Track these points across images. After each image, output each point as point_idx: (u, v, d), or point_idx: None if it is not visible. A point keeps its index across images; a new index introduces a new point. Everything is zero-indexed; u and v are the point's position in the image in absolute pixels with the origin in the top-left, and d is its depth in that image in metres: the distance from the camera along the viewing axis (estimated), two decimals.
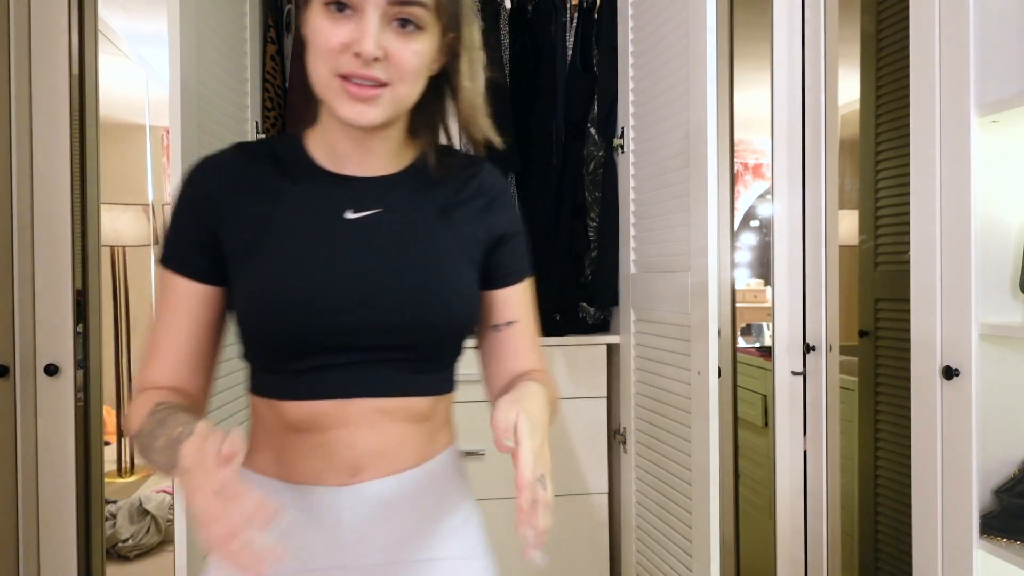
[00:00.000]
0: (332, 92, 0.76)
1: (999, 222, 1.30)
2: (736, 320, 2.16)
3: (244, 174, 0.82)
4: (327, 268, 0.79)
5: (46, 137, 1.88)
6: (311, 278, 0.78)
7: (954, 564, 1.32)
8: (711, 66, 1.40)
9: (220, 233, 0.80)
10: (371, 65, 0.74)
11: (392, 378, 0.83)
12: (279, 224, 0.80)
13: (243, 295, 0.79)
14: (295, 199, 0.82)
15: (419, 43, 0.77)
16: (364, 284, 0.79)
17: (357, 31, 0.73)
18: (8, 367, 1.83)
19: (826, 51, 1.97)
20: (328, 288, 0.78)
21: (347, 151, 0.83)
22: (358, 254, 0.80)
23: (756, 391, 3.05)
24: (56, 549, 1.89)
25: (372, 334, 0.80)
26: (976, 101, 1.27)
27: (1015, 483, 1.26)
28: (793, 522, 2.05)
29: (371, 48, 0.73)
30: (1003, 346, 1.29)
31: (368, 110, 0.76)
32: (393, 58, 0.75)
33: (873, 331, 2.14)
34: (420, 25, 0.76)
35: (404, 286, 0.81)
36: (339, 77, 0.75)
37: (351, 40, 0.73)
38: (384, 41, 0.74)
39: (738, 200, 5.53)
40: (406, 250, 0.82)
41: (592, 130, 1.98)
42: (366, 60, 0.73)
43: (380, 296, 0.79)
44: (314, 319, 0.78)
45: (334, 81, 0.75)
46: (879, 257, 2.12)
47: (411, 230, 0.83)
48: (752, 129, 5.09)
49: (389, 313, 0.80)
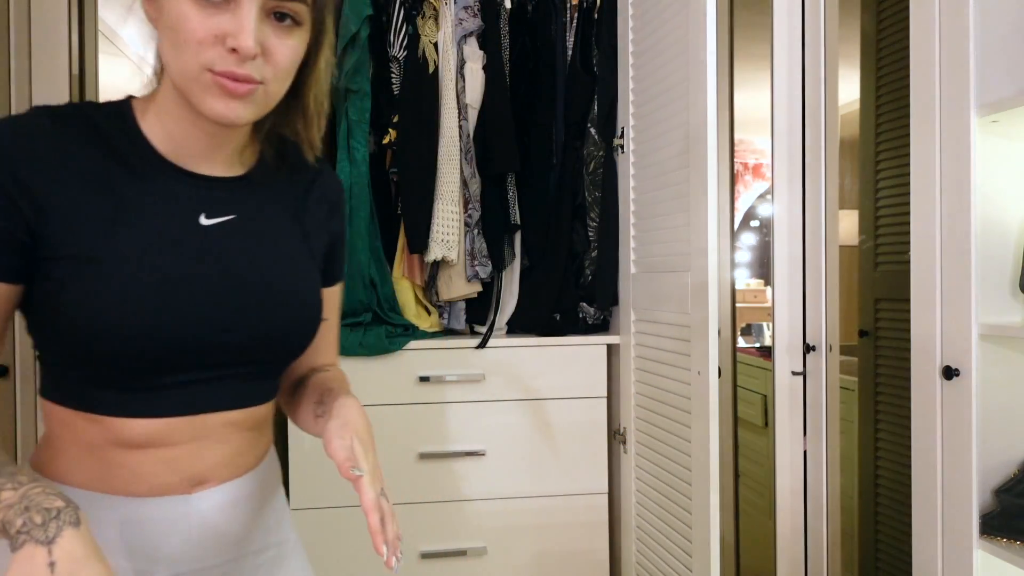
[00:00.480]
0: (200, 86, 0.68)
1: (999, 222, 1.30)
2: (736, 320, 2.16)
3: (69, 158, 0.70)
4: (181, 285, 0.71)
5: None
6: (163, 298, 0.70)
7: (954, 564, 1.32)
8: (711, 66, 1.40)
9: (40, 229, 0.68)
10: (247, 63, 0.68)
11: (242, 390, 0.79)
12: (124, 230, 0.70)
13: (77, 309, 0.68)
14: (141, 199, 0.72)
15: (295, 39, 0.71)
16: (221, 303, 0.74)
17: (233, 23, 0.66)
18: (8, 367, 1.83)
19: (826, 51, 1.97)
20: (183, 309, 0.71)
21: (197, 147, 0.75)
22: (214, 268, 0.74)
23: (756, 391, 3.05)
24: None
25: (228, 352, 0.75)
26: (976, 101, 1.27)
27: (1015, 483, 1.26)
28: (793, 522, 2.05)
29: (251, 44, 0.66)
30: (1003, 346, 1.29)
31: (241, 107, 0.69)
32: (270, 55, 0.70)
33: (873, 331, 2.14)
34: (298, 20, 0.71)
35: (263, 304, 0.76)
36: (209, 71, 0.67)
37: (224, 33, 0.66)
38: (262, 36, 0.68)
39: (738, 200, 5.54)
40: (263, 263, 0.77)
41: (592, 130, 1.98)
42: (244, 57, 0.67)
43: (239, 316, 0.75)
44: (166, 342, 0.70)
45: (204, 75, 0.68)
46: (879, 257, 2.12)
47: (266, 239, 0.79)
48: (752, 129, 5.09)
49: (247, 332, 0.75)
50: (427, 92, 1.91)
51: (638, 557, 1.82)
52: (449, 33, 1.94)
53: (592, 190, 1.99)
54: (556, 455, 1.93)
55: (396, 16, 1.93)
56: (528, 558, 1.92)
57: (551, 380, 1.92)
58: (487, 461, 1.90)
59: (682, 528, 1.55)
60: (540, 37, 2.00)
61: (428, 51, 1.94)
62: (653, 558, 1.72)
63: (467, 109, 1.95)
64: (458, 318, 1.98)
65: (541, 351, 1.92)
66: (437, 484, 1.87)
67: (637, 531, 1.82)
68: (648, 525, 1.74)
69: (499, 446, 1.90)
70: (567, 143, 2.00)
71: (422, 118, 1.90)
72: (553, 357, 1.92)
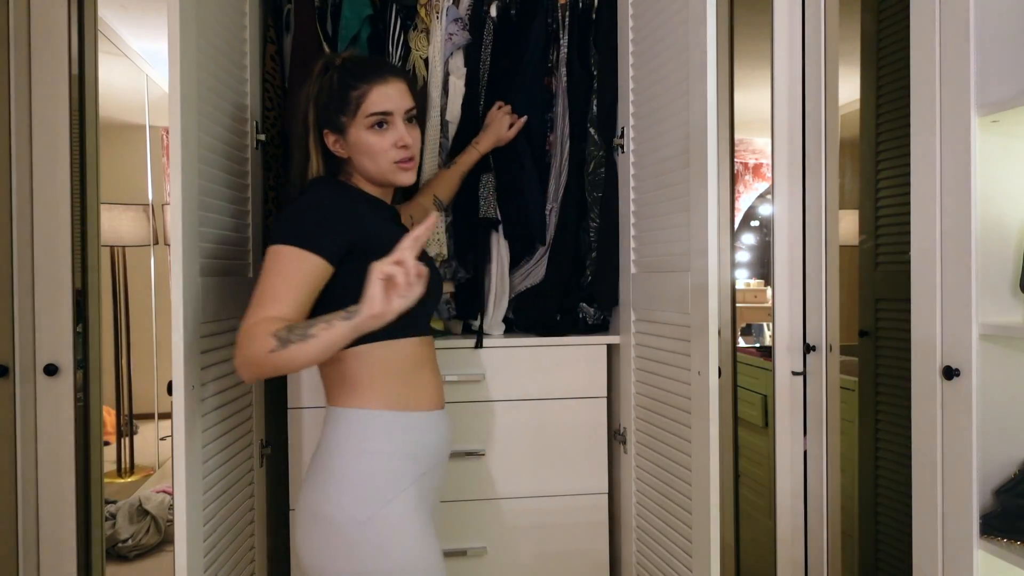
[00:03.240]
0: (393, 172, 1.31)
1: (999, 222, 1.30)
2: (736, 320, 2.16)
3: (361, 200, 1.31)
4: None
5: (46, 137, 1.88)
6: None
7: (954, 564, 1.32)
8: (711, 66, 1.40)
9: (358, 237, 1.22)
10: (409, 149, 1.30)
11: None
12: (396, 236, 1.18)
13: None
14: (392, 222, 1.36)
15: (418, 130, 1.35)
16: None
17: (396, 133, 1.29)
18: (8, 367, 1.83)
19: (826, 51, 1.97)
20: None
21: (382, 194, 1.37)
22: None
23: (756, 391, 3.05)
24: (56, 549, 1.89)
25: None
26: (976, 101, 1.27)
27: (1015, 483, 1.26)
28: (793, 522, 2.05)
29: (409, 141, 1.30)
30: (1003, 346, 1.29)
31: (411, 175, 1.33)
32: (414, 142, 1.32)
33: (873, 331, 2.14)
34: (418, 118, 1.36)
35: None
36: (395, 163, 1.30)
37: (396, 140, 1.29)
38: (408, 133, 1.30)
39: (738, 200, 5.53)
40: None
41: (592, 130, 1.98)
42: (407, 147, 1.30)
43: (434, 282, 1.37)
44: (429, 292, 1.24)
45: (392, 166, 1.30)
46: (879, 257, 2.12)
47: None
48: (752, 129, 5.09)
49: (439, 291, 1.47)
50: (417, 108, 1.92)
51: (638, 557, 1.82)
52: (438, 48, 1.92)
53: (592, 190, 1.98)
54: (556, 455, 1.92)
55: (393, 25, 1.93)
56: (528, 558, 1.92)
57: (551, 380, 1.92)
58: (487, 461, 1.90)
59: (682, 528, 1.55)
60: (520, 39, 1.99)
61: (418, 66, 1.94)
62: (653, 558, 1.72)
63: (448, 126, 1.96)
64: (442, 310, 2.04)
65: (541, 351, 1.92)
66: None
67: (637, 531, 1.82)
68: (648, 525, 1.74)
69: (499, 446, 1.90)
70: (570, 144, 2.00)
71: None
72: (553, 357, 1.92)
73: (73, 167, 1.91)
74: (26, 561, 1.86)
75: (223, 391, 1.48)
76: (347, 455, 1.22)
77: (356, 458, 1.22)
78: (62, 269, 1.89)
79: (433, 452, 1.30)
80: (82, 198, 1.98)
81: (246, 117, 1.66)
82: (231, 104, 1.56)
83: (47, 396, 1.89)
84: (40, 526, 1.88)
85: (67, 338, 1.89)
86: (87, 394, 1.99)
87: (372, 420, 1.24)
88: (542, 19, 1.99)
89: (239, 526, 1.57)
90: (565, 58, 1.99)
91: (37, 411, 1.89)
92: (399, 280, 0.99)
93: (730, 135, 2.13)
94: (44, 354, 1.89)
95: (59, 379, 1.89)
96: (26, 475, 1.86)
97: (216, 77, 1.46)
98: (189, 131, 1.29)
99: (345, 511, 1.18)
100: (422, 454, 1.27)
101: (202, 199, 1.36)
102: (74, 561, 1.89)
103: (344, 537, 1.18)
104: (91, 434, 2.00)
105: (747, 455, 2.94)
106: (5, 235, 1.83)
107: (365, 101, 1.27)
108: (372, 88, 1.27)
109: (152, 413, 4.29)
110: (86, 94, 1.99)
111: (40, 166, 1.87)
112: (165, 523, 2.94)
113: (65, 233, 1.89)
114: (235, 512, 1.54)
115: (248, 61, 1.67)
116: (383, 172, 1.29)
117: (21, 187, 1.85)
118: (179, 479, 1.26)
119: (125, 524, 2.87)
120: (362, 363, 1.24)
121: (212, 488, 1.40)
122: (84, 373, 1.98)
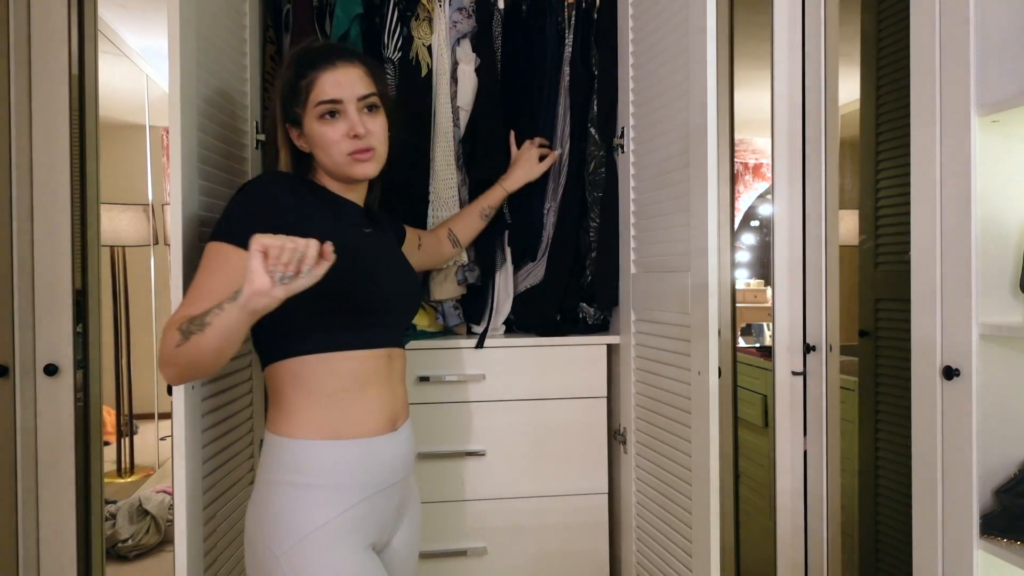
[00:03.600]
0: (347, 165, 1.22)
1: (999, 222, 1.30)
2: (736, 320, 2.16)
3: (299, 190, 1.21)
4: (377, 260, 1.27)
5: (46, 137, 1.87)
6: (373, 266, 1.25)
7: (954, 564, 1.32)
8: (711, 66, 1.40)
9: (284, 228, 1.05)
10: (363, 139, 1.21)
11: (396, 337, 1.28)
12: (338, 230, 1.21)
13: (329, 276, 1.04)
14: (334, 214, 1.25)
15: (381, 118, 1.25)
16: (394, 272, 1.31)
17: (347, 124, 1.20)
18: (8, 367, 1.83)
19: (826, 51, 1.97)
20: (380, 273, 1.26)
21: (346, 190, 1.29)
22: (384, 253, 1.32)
23: (756, 391, 3.05)
24: (56, 549, 1.89)
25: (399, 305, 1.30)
26: (976, 101, 1.27)
27: (1015, 483, 1.26)
28: (793, 522, 2.05)
29: (362, 130, 1.20)
30: (1003, 346, 1.29)
31: (369, 167, 1.24)
32: (371, 132, 1.22)
33: (873, 331, 2.14)
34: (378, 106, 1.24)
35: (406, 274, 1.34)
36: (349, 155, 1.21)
37: (347, 130, 1.20)
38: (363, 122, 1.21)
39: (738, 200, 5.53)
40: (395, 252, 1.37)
41: (592, 130, 1.98)
42: (361, 136, 1.20)
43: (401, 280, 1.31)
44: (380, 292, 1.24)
45: (347, 158, 1.21)
46: (879, 257, 2.12)
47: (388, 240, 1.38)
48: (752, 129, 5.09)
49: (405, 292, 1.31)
50: (419, 96, 1.91)
51: (638, 557, 1.82)
52: (443, 35, 1.93)
53: (592, 190, 1.98)
54: (556, 455, 1.92)
55: (390, 17, 1.92)
56: (528, 558, 1.92)
57: (551, 380, 1.92)
58: (487, 461, 1.90)
59: (682, 528, 1.55)
60: (535, 37, 1.99)
61: (421, 54, 1.93)
62: (653, 558, 1.72)
63: (459, 112, 1.95)
64: (451, 315, 1.99)
65: (541, 351, 1.92)
66: (437, 484, 1.87)
67: (637, 531, 1.82)
68: (648, 525, 1.74)
69: (499, 446, 1.90)
70: (571, 143, 2.00)
71: (414, 123, 1.90)
72: (553, 357, 1.92)
73: (73, 167, 1.91)
74: (26, 561, 1.86)
75: (223, 391, 1.48)
76: (268, 485, 1.14)
77: (275, 489, 1.13)
78: (62, 269, 1.89)
79: (378, 476, 1.18)
80: (82, 198, 1.98)
81: (246, 117, 1.66)
82: (231, 104, 1.56)
83: (47, 396, 1.89)
84: (40, 526, 1.88)
85: (67, 338, 1.89)
86: (87, 394, 1.99)
87: (295, 451, 1.13)
88: (553, 19, 2.00)
89: (239, 526, 1.57)
90: (569, 57, 1.99)
91: (37, 411, 1.89)
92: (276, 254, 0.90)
93: (730, 135, 2.13)
94: (44, 354, 1.89)
95: (59, 379, 1.89)
96: (26, 475, 1.86)
97: (216, 77, 1.46)
98: (189, 131, 1.29)
99: (264, 543, 1.11)
100: (357, 483, 1.15)
101: (202, 199, 1.36)
102: (74, 561, 1.89)
103: (264, 568, 1.12)
104: (91, 434, 2.00)
105: (747, 455, 2.94)
106: (5, 235, 1.83)
107: (313, 89, 1.18)
108: (319, 75, 1.18)
109: (152, 413, 4.29)
110: (86, 94, 1.99)
111: (40, 166, 1.87)
112: (165, 523, 2.94)
113: (65, 233, 1.89)
114: (235, 512, 1.54)
115: (248, 61, 1.67)
116: (337, 165, 1.21)
117: (21, 187, 1.85)
118: (179, 479, 1.26)
119: (125, 524, 2.87)
120: (294, 380, 1.14)
121: (212, 488, 1.40)
122: (84, 373, 1.98)
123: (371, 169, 1.22)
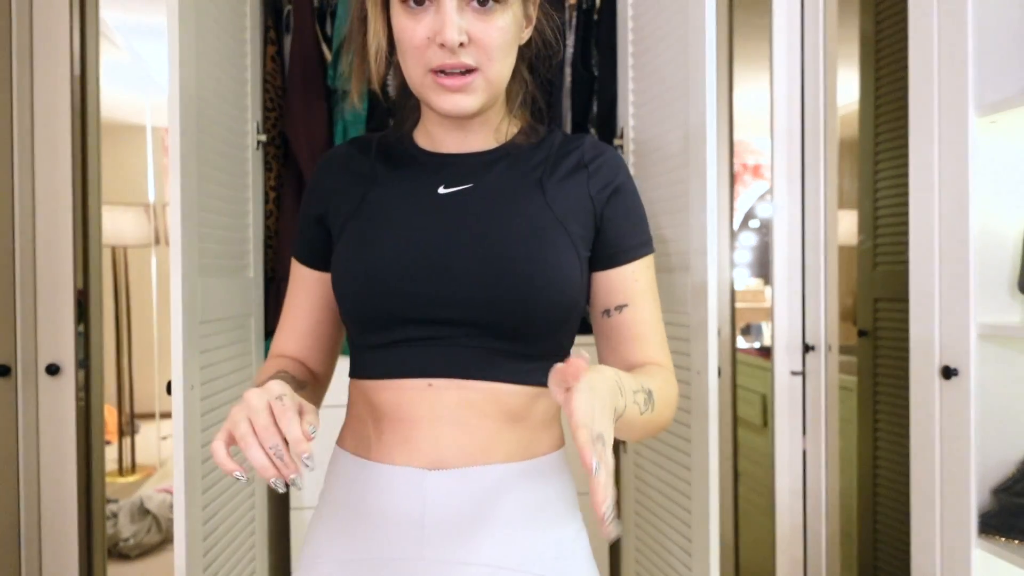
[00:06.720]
0: (427, 88, 0.76)
1: (998, 222, 1.30)
2: (736, 320, 2.16)
3: (351, 163, 0.86)
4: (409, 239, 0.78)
5: (47, 138, 1.88)
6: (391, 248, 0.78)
7: (953, 563, 1.33)
8: (711, 66, 1.40)
9: (325, 219, 0.85)
10: (457, 52, 0.73)
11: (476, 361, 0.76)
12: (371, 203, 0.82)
13: (335, 269, 0.81)
14: (391, 180, 0.84)
15: (501, 19, 0.75)
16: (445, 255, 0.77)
17: (437, 22, 0.73)
18: (9, 367, 1.84)
19: (825, 51, 1.97)
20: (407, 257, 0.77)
21: (448, 137, 0.84)
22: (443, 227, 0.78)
23: (755, 391, 3.06)
24: (58, 548, 1.89)
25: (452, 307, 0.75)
26: (975, 101, 1.28)
27: (1013, 482, 1.27)
28: (792, 522, 2.06)
29: (454, 35, 0.72)
30: (1002, 346, 1.29)
31: (463, 99, 0.76)
32: (478, 41, 0.74)
33: (872, 331, 2.14)
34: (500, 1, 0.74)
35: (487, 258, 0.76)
36: (431, 72, 0.75)
37: (433, 32, 0.73)
38: (466, 24, 0.73)
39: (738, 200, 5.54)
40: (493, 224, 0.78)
41: (592, 130, 1.98)
42: (452, 48, 0.73)
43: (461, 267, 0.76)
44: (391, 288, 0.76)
45: (427, 77, 0.75)
46: (878, 257, 2.13)
47: (501, 205, 0.80)
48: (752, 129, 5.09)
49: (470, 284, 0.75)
50: None
51: (638, 556, 1.82)
52: None
53: None
54: None
55: None
56: None
57: None
58: None
59: (682, 528, 1.55)
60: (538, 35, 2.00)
61: None
62: (653, 558, 1.72)
63: None
64: None
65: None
66: None
67: (637, 531, 1.82)
68: (648, 525, 1.75)
69: None
70: None
71: None
72: None
73: (74, 167, 1.91)
74: (28, 560, 1.86)
75: (223, 391, 1.48)
76: None
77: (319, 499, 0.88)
78: (63, 269, 1.89)
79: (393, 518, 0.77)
80: (83, 198, 1.98)
81: (246, 117, 1.66)
82: (231, 104, 1.56)
83: (49, 396, 1.89)
84: (42, 525, 1.89)
85: (69, 338, 1.90)
86: (88, 394, 2.00)
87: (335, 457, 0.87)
88: None
89: (239, 526, 1.57)
90: (570, 58, 2.00)
91: (39, 411, 1.89)
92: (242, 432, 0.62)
93: (730, 135, 2.13)
94: (46, 354, 1.89)
95: (61, 379, 1.90)
96: (28, 474, 1.86)
97: (216, 77, 1.46)
98: (189, 131, 1.30)
99: None
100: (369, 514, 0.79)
101: (202, 199, 1.37)
102: (76, 560, 1.90)
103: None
104: (92, 433, 2.00)
105: (746, 455, 2.94)
106: (7, 235, 1.83)
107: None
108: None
109: (153, 412, 4.30)
110: (87, 95, 1.99)
111: (42, 166, 1.88)
112: (166, 522, 2.94)
113: (67, 233, 1.89)
114: (235, 512, 1.54)
115: (248, 62, 1.67)
116: (418, 88, 0.78)
117: (23, 187, 1.85)
118: (179, 479, 1.26)
119: (127, 523, 2.87)
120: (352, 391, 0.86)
121: (212, 488, 1.41)
122: (86, 373, 1.99)
123: (467, 103, 0.77)
